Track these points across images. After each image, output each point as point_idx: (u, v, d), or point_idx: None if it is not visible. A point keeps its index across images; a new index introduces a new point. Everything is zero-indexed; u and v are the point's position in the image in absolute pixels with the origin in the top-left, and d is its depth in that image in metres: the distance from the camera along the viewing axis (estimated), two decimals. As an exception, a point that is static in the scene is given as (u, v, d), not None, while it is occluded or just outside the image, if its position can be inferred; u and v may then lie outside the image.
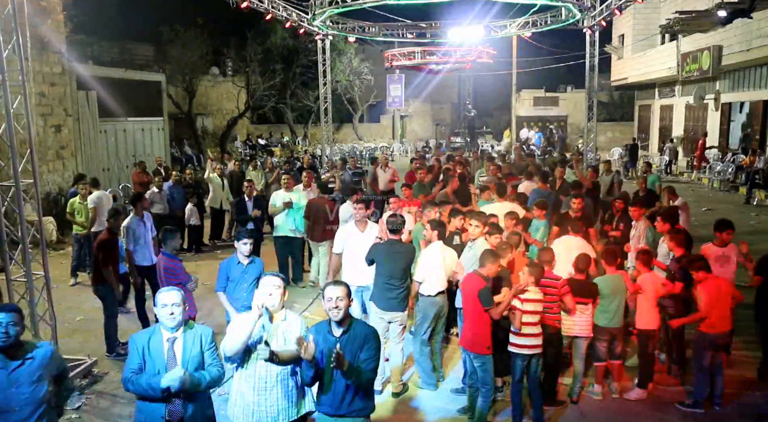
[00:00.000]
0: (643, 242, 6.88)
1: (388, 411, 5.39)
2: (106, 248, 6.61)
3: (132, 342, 3.48)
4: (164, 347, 3.44)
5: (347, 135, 33.83)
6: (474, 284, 4.85)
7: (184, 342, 3.48)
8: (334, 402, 3.56)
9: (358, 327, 3.61)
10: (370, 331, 3.64)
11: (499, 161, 13.10)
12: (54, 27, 13.20)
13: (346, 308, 3.53)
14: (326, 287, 3.60)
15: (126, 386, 3.41)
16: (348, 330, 3.55)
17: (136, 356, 3.41)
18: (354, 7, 13.95)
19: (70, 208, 9.44)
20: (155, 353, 3.42)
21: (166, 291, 3.48)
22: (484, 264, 4.92)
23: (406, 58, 24.72)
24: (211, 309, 7.78)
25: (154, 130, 18.67)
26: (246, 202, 9.32)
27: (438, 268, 5.62)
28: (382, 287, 5.58)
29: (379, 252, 5.70)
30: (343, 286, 3.58)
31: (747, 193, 16.06)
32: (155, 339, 3.47)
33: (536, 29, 17.39)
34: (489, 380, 4.92)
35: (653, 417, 5.28)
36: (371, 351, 3.53)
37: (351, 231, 6.36)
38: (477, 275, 4.92)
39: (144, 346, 3.43)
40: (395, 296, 5.54)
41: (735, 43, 18.04)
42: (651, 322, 5.53)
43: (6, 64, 5.24)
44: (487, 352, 4.86)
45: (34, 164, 5.61)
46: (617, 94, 34.12)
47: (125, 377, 3.39)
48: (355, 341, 3.52)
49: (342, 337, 3.53)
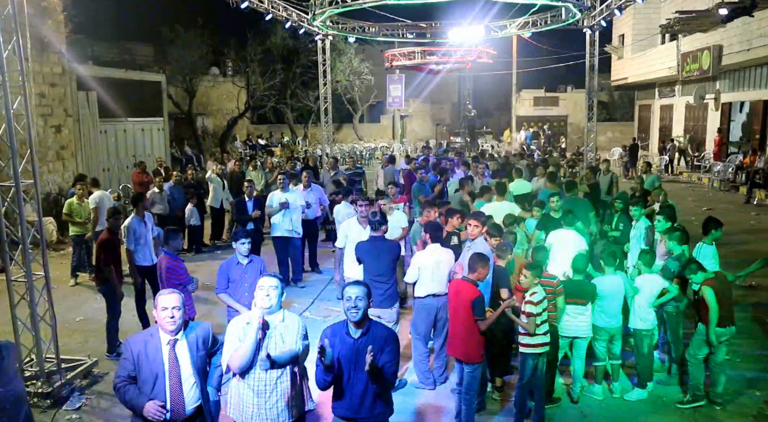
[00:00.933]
0: (643, 242, 6.89)
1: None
2: (107, 248, 6.61)
3: (126, 346, 3.41)
4: (164, 350, 3.38)
5: (347, 135, 33.81)
6: (467, 292, 4.70)
7: (189, 344, 3.44)
8: (352, 406, 3.46)
9: (377, 329, 3.50)
10: (390, 334, 3.55)
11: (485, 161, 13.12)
12: (54, 27, 13.20)
13: (365, 309, 3.43)
14: (346, 286, 3.51)
15: (116, 394, 3.37)
16: (367, 332, 3.45)
17: (128, 362, 3.34)
18: (354, 7, 13.94)
19: (67, 208, 9.41)
20: (153, 357, 3.34)
21: (167, 294, 3.42)
22: (475, 268, 4.79)
23: (406, 58, 24.76)
24: (211, 309, 7.79)
25: (154, 130, 18.68)
26: (246, 202, 9.32)
27: (428, 270, 5.53)
28: (370, 284, 5.57)
29: (364, 250, 5.74)
30: (363, 286, 3.49)
31: (747, 193, 16.06)
32: (152, 343, 3.39)
33: (536, 29, 17.38)
34: (475, 386, 4.84)
35: (653, 417, 5.28)
36: (392, 354, 3.43)
37: (353, 226, 6.54)
38: (468, 282, 4.77)
39: (140, 351, 3.35)
40: (383, 292, 5.55)
41: (735, 43, 18.04)
42: (646, 323, 5.53)
43: (6, 64, 5.24)
44: (480, 360, 4.80)
45: (34, 164, 5.61)
46: (617, 94, 34.11)
47: (115, 384, 3.34)
48: (374, 343, 3.40)
49: (361, 339, 3.43)
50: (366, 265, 5.69)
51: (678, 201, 9.20)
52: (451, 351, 4.95)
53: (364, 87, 31.03)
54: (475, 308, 4.63)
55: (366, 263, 5.69)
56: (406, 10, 17.63)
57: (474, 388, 4.82)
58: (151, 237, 7.31)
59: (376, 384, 3.35)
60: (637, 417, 5.28)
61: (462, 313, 4.72)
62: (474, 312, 4.63)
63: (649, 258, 5.72)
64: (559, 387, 5.72)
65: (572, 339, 5.48)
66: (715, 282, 5.23)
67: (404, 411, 5.41)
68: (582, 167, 16.12)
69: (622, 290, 5.47)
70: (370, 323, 3.51)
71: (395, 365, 3.46)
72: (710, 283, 5.19)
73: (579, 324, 5.40)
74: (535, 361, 4.91)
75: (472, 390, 4.81)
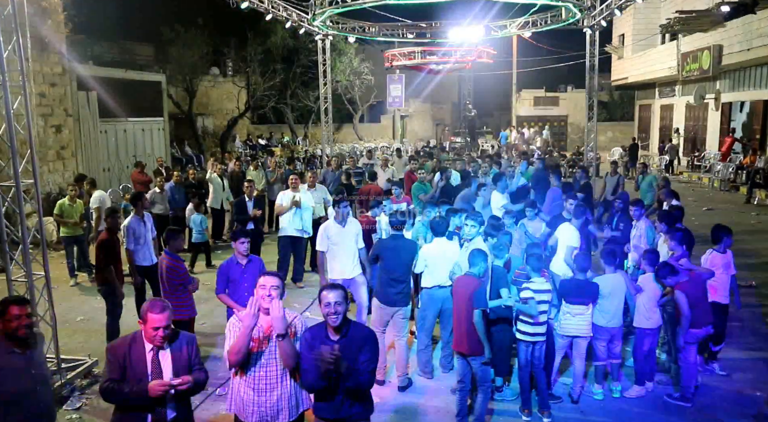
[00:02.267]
0: (643, 242, 6.88)
1: (388, 412, 5.39)
2: (106, 248, 6.61)
3: (111, 352, 3.40)
4: (147, 357, 3.37)
5: (347, 135, 33.78)
6: (469, 285, 4.83)
7: (172, 352, 3.43)
8: (333, 408, 3.51)
9: (356, 331, 3.55)
10: (369, 334, 3.60)
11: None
12: (54, 27, 13.21)
13: (344, 313, 3.46)
14: (322, 291, 3.51)
15: (106, 397, 3.33)
16: (346, 334, 3.49)
17: (115, 365, 3.33)
18: (354, 7, 13.95)
19: (57, 209, 9.30)
20: (137, 363, 3.34)
21: (159, 313, 3.35)
22: (475, 263, 4.90)
23: (406, 58, 24.71)
24: (211, 309, 7.80)
25: (155, 130, 18.69)
26: (246, 202, 9.32)
27: (435, 262, 5.69)
28: (387, 283, 5.70)
29: (384, 247, 5.83)
30: (341, 290, 3.50)
31: (747, 193, 16.06)
32: (136, 349, 3.38)
33: (536, 29, 17.38)
34: (489, 377, 4.99)
35: (653, 417, 5.28)
36: (369, 354, 3.48)
37: (332, 227, 6.47)
38: (470, 276, 4.90)
39: (125, 354, 3.35)
40: (399, 291, 5.68)
41: (735, 43, 18.04)
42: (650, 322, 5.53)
43: (6, 64, 5.23)
44: (481, 352, 4.87)
45: (34, 164, 5.61)
46: (617, 94, 34.11)
47: (104, 387, 3.30)
48: (353, 344, 3.46)
49: (340, 341, 3.47)
50: (384, 263, 5.77)
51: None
52: (456, 347, 5.02)
53: (364, 87, 31.01)
54: (476, 298, 4.74)
55: (384, 261, 5.77)
56: (406, 10, 17.65)
57: (488, 379, 4.95)
58: (151, 237, 7.31)
59: (346, 381, 3.38)
60: (637, 417, 5.28)
61: (466, 307, 4.82)
62: (474, 303, 4.73)
63: (653, 258, 5.72)
64: (559, 386, 5.73)
65: (572, 339, 5.48)
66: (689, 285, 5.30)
67: (405, 411, 5.42)
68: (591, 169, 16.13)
69: (623, 289, 5.47)
70: (350, 325, 3.54)
71: (372, 363, 3.50)
72: (682, 287, 5.26)
73: (579, 323, 5.41)
74: (528, 348, 5.16)
75: (486, 382, 4.94)
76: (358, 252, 6.44)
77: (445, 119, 37.66)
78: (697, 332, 5.37)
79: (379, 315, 5.79)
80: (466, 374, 4.99)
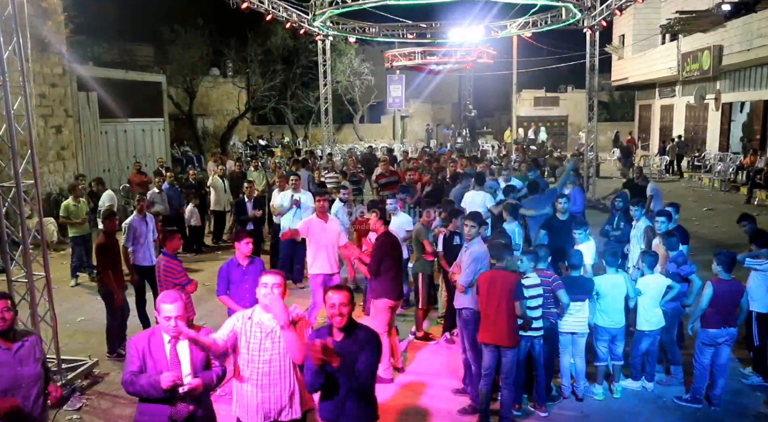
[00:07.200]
0: (643, 242, 6.87)
1: (389, 412, 5.39)
2: (104, 252, 6.59)
3: (131, 345, 3.46)
4: (166, 348, 3.42)
5: (348, 135, 33.78)
6: (511, 278, 4.96)
7: (191, 344, 3.45)
8: (334, 409, 3.47)
9: (361, 332, 3.50)
10: (372, 335, 3.54)
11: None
12: (55, 28, 13.21)
13: (348, 314, 3.43)
14: (327, 292, 3.48)
15: (126, 388, 3.39)
16: (350, 335, 3.45)
17: (135, 358, 3.39)
18: (354, 8, 13.95)
19: (63, 211, 9.30)
20: (157, 355, 3.40)
21: (170, 303, 3.39)
22: (502, 257, 5.10)
23: (407, 59, 24.72)
24: (211, 310, 7.79)
25: (155, 130, 18.69)
26: (246, 202, 9.32)
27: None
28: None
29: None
30: (346, 291, 3.46)
31: (748, 193, 16.04)
32: (155, 341, 3.44)
33: (536, 29, 17.38)
34: (514, 371, 5.06)
35: (653, 417, 5.28)
36: (371, 354, 3.43)
37: (314, 222, 6.80)
38: (503, 270, 5.04)
39: (144, 348, 3.41)
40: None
41: (735, 43, 18.03)
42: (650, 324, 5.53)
43: (6, 65, 5.23)
44: (518, 343, 5.03)
45: (34, 165, 5.61)
46: (617, 94, 34.10)
47: (125, 379, 3.37)
48: (355, 344, 3.42)
49: (343, 342, 3.43)
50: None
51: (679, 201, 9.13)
52: (492, 339, 4.98)
53: (365, 87, 31.01)
54: (517, 290, 4.91)
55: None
56: (406, 11, 17.66)
57: (514, 372, 5.03)
58: (151, 238, 7.31)
59: (342, 376, 3.34)
60: (637, 417, 5.28)
61: (505, 299, 4.89)
62: (516, 295, 4.89)
63: (651, 259, 5.70)
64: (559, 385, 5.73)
65: (572, 336, 5.49)
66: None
67: (405, 412, 5.42)
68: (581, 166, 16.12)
69: (624, 290, 5.47)
70: (356, 326, 3.50)
71: (374, 365, 3.45)
72: (715, 283, 5.24)
73: (577, 319, 5.42)
74: (527, 343, 5.22)
75: (513, 374, 5.02)
76: (338, 250, 6.75)
77: (446, 119, 37.66)
78: (714, 333, 5.25)
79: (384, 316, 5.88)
80: (493, 367, 5.04)
